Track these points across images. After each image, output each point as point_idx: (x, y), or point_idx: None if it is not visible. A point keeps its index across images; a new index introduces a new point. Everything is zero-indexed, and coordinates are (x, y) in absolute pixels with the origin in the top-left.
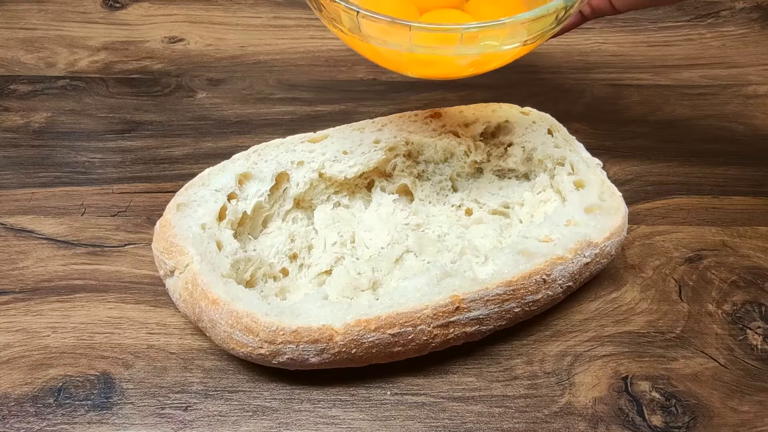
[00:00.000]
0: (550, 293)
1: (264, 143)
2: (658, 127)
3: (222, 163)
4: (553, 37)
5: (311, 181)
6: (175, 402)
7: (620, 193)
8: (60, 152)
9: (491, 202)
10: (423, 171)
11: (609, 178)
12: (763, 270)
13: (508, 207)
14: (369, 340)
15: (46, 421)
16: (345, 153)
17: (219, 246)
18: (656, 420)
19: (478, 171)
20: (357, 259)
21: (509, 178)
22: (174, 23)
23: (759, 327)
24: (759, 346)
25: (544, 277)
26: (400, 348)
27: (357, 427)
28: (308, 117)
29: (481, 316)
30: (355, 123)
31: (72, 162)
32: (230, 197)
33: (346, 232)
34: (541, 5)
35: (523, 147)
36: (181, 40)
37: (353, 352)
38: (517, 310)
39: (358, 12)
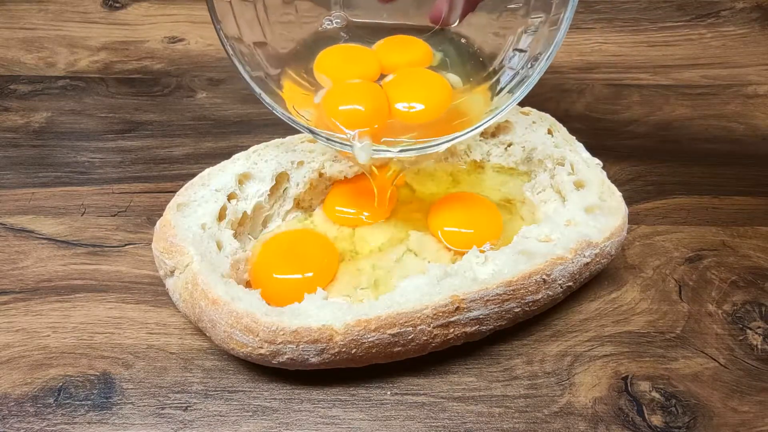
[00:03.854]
0: (550, 293)
1: (264, 143)
2: (658, 127)
3: (222, 163)
4: None
5: (311, 181)
6: (175, 402)
7: (620, 193)
8: (60, 152)
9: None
10: (423, 169)
11: (609, 178)
12: (763, 270)
13: (510, 203)
14: (369, 340)
15: (46, 421)
16: None
17: (219, 246)
18: (656, 420)
19: (479, 169)
20: (357, 257)
21: (510, 176)
22: (174, 23)
23: (759, 327)
24: (759, 346)
25: (544, 277)
26: (400, 348)
27: (357, 427)
28: None
29: (481, 316)
30: None
31: (72, 162)
32: (230, 197)
33: (345, 230)
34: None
35: (523, 147)
36: (181, 40)
37: (353, 352)
38: (517, 310)
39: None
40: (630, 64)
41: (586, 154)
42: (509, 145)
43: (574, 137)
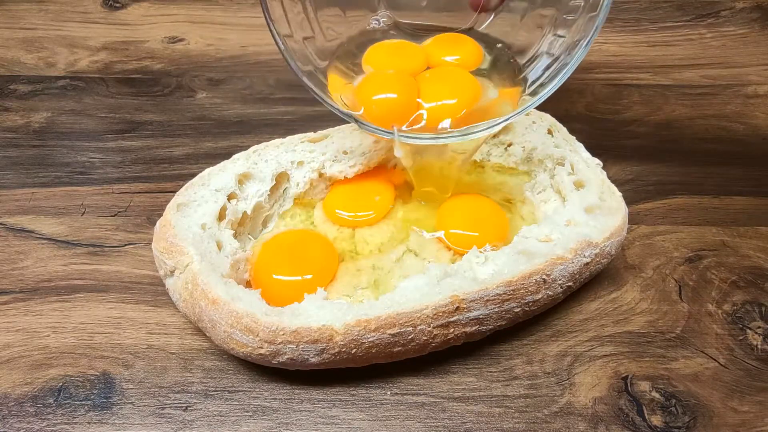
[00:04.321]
0: (550, 293)
1: (264, 143)
2: (658, 127)
3: (222, 163)
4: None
5: (311, 181)
6: (175, 402)
7: (620, 193)
8: (60, 152)
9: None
10: (423, 168)
11: (609, 178)
12: (763, 270)
13: (510, 203)
14: (369, 340)
15: (46, 421)
16: (345, 153)
17: (219, 246)
18: (656, 420)
19: (479, 169)
20: (357, 257)
21: (510, 176)
22: (174, 23)
23: (759, 327)
24: (759, 346)
25: (544, 277)
26: (400, 348)
27: (357, 427)
28: (308, 117)
29: (481, 316)
30: None
31: (72, 162)
32: (230, 197)
33: (345, 230)
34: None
35: (523, 147)
36: (181, 40)
37: (353, 352)
38: (517, 310)
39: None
40: (630, 64)
41: (586, 154)
42: (509, 145)
43: (574, 137)
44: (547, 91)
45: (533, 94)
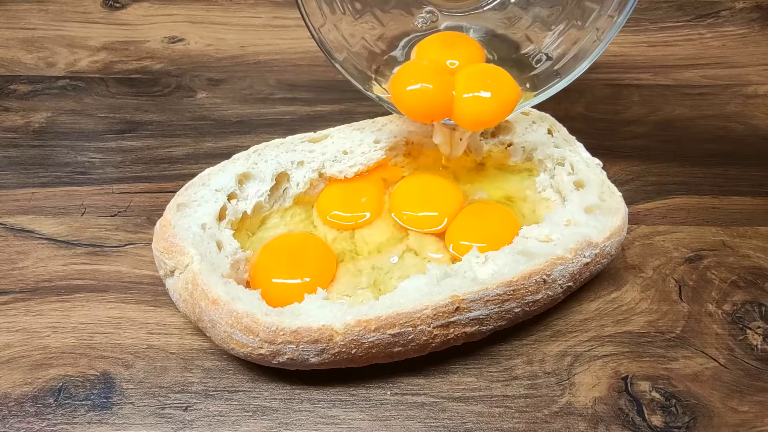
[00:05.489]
0: (550, 293)
1: (264, 143)
2: (658, 127)
3: (222, 163)
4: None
5: (311, 181)
6: (175, 402)
7: (620, 193)
8: (60, 152)
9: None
10: (423, 165)
11: (609, 178)
12: (763, 270)
13: (510, 201)
14: (369, 340)
15: (46, 421)
16: (345, 153)
17: (219, 246)
18: (656, 420)
19: (480, 165)
20: (357, 257)
21: (512, 173)
22: (174, 23)
23: (759, 327)
24: (759, 346)
25: (544, 277)
26: (400, 348)
27: (357, 427)
28: (308, 117)
29: (481, 316)
30: (355, 123)
31: (72, 162)
32: (230, 197)
33: (346, 231)
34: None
35: (523, 147)
36: (181, 40)
37: (353, 352)
38: (517, 310)
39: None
40: (630, 64)
41: (586, 154)
42: (509, 145)
43: (574, 137)
44: (582, 66)
45: (560, 73)
